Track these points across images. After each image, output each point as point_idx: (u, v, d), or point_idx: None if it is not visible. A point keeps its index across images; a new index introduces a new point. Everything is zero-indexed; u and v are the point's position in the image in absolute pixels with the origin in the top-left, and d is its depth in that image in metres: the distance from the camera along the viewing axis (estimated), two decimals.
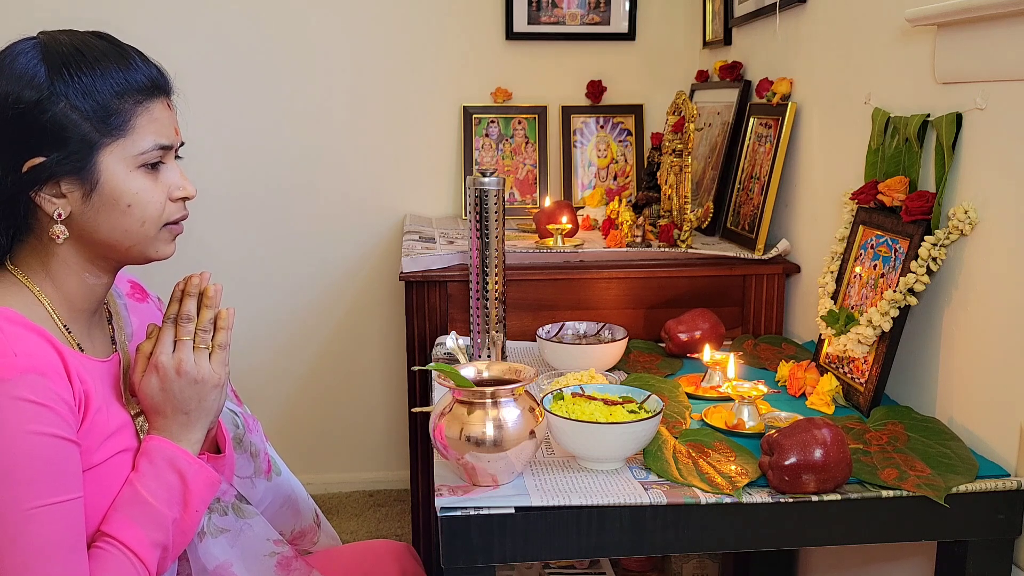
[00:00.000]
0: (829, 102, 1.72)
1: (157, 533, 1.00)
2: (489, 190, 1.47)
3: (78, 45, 0.99)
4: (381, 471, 2.76)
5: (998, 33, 1.17)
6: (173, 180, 1.05)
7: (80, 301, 1.05)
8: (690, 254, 1.92)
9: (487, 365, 1.18)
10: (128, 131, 0.99)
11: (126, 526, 0.99)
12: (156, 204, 1.03)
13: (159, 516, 1.01)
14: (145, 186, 1.01)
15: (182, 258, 1.15)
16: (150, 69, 1.03)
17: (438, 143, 2.60)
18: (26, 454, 0.90)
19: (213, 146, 2.51)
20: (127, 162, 1.00)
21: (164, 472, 1.02)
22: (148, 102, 1.01)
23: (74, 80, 0.96)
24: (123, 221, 1.01)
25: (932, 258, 1.28)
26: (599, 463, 1.16)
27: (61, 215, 0.99)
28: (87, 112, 0.97)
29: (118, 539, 0.98)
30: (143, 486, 1.01)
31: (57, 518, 0.91)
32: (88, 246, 1.02)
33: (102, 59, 0.99)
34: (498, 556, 1.07)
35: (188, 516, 1.03)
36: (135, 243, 1.03)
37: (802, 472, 1.07)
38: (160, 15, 2.45)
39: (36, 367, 0.92)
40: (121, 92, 0.99)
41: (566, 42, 2.59)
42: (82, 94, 0.96)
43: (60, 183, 0.98)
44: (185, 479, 1.03)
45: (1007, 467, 1.17)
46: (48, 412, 0.92)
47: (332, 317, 2.66)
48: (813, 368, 1.45)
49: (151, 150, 1.01)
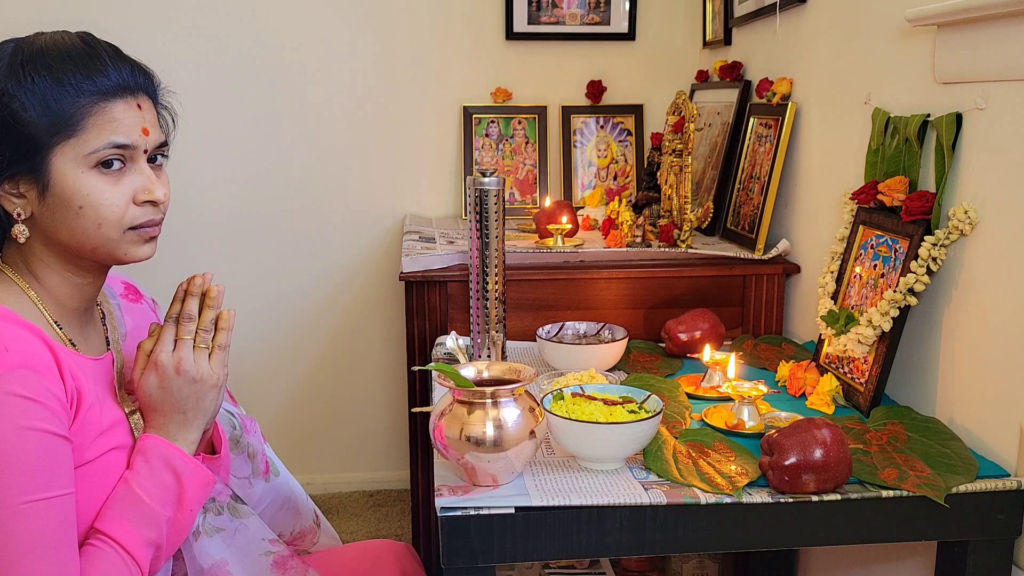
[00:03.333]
0: (829, 102, 1.72)
1: (150, 532, 1.00)
2: (489, 190, 1.47)
3: (46, 47, 0.99)
4: (381, 471, 2.76)
5: (998, 33, 1.17)
6: (139, 183, 1.02)
7: (68, 299, 1.05)
8: (690, 254, 1.92)
9: (487, 365, 1.18)
10: (79, 131, 0.98)
11: (119, 524, 0.99)
12: (112, 207, 1.00)
13: (153, 515, 1.00)
14: (98, 188, 0.99)
15: (182, 258, 1.16)
16: (119, 70, 1.01)
17: (438, 143, 2.60)
18: (16, 449, 0.90)
19: (213, 147, 2.51)
20: (78, 162, 0.98)
21: (159, 471, 1.02)
22: (106, 102, 0.99)
23: (26, 81, 0.96)
24: (78, 223, 0.99)
25: (932, 258, 1.28)
26: (599, 463, 1.16)
27: (21, 215, 1.00)
28: (39, 112, 0.96)
29: (111, 536, 0.98)
30: (137, 484, 1.01)
31: (47, 514, 0.91)
32: (54, 247, 1.02)
33: (64, 60, 0.98)
34: (498, 556, 1.07)
35: (182, 515, 1.03)
36: (97, 245, 1.01)
37: (802, 472, 1.07)
38: (159, 16, 2.45)
39: (27, 363, 0.92)
40: (75, 93, 0.97)
41: (566, 42, 2.59)
42: (34, 96, 0.96)
43: (19, 183, 0.99)
44: (180, 478, 1.03)
45: (1007, 467, 1.17)
46: (39, 407, 0.92)
47: (332, 317, 2.66)
48: (813, 368, 1.45)
49: (103, 148, 0.98)
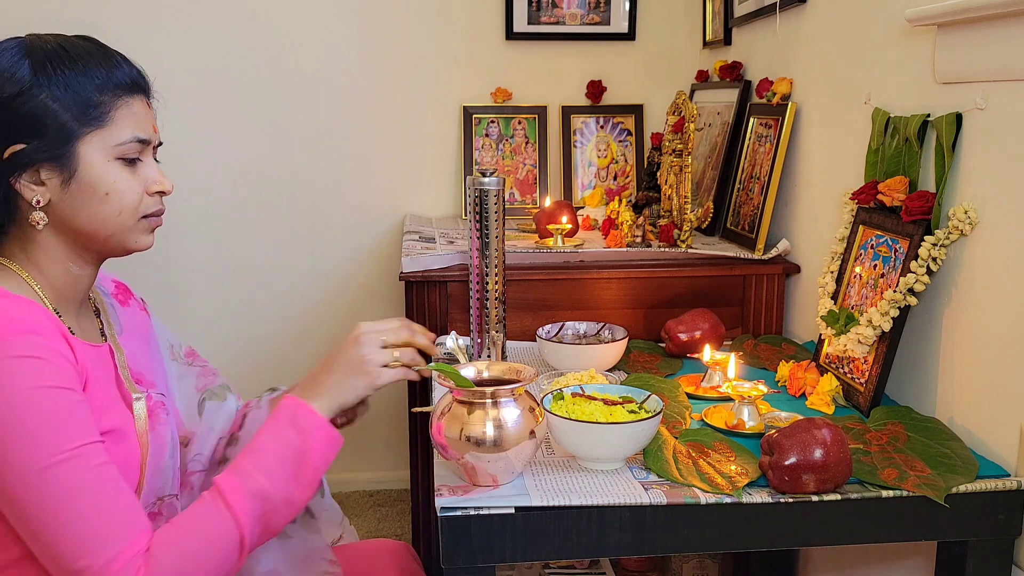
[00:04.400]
0: (829, 102, 1.72)
1: (259, 481, 1.00)
2: (489, 190, 1.47)
3: (62, 44, 1.04)
4: (381, 471, 2.76)
5: (998, 33, 1.17)
6: (150, 175, 1.08)
7: (66, 290, 1.08)
8: (690, 254, 1.92)
9: (487, 365, 1.18)
10: (107, 123, 1.03)
11: (223, 474, 1.01)
12: (133, 195, 1.05)
13: (264, 467, 1.01)
14: (123, 176, 1.05)
15: (182, 257, 1.17)
16: (132, 69, 1.07)
17: (438, 143, 2.60)
18: (34, 410, 0.92)
19: (213, 147, 2.50)
20: (105, 152, 1.03)
21: (283, 426, 1.05)
22: (128, 97, 1.05)
23: (56, 74, 1.00)
24: (101, 210, 1.04)
25: (932, 258, 1.28)
26: (599, 463, 1.16)
27: (40, 202, 1.02)
28: (68, 103, 1.01)
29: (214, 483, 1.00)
30: (256, 437, 1.04)
31: (81, 465, 0.93)
32: (67, 235, 1.05)
33: (85, 57, 1.03)
34: (498, 556, 1.07)
35: (305, 471, 1.04)
36: (113, 232, 1.06)
37: (802, 472, 1.07)
38: (157, 16, 2.45)
39: (36, 329, 0.95)
40: (102, 87, 1.03)
41: (566, 42, 2.59)
42: (63, 87, 1.00)
43: (40, 170, 1.01)
44: (305, 434, 1.05)
45: (1007, 467, 1.17)
46: (48, 365, 0.94)
47: (332, 317, 2.65)
48: (813, 368, 1.45)
49: (129, 142, 1.04)
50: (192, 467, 1.21)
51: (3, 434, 0.91)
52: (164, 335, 1.28)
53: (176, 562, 0.94)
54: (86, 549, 0.91)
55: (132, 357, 1.15)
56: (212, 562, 0.97)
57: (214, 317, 2.60)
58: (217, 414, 1.25)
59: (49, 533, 0.91)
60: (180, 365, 1.28)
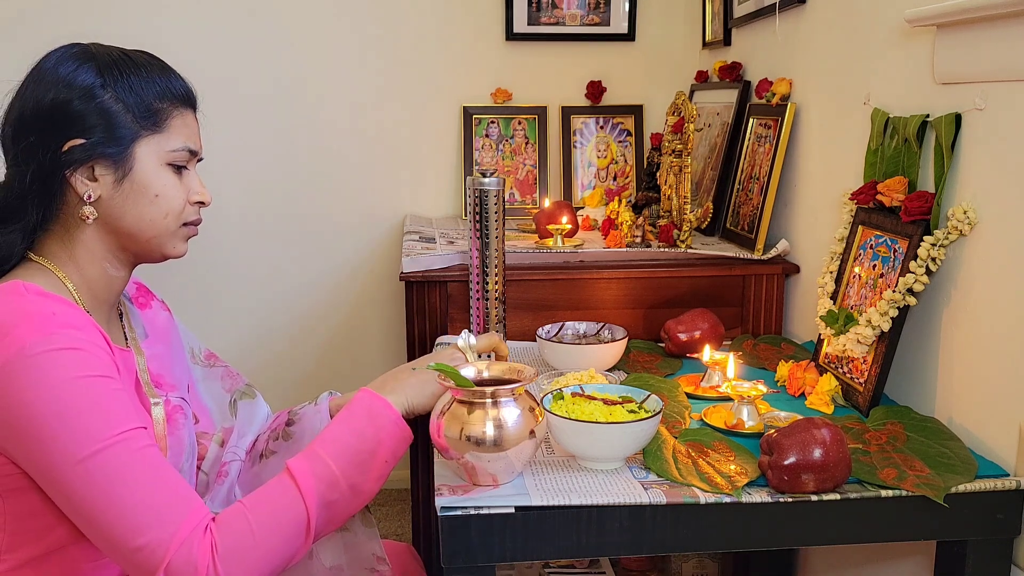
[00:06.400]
0: (828, 102, 1.73)
1: (330, 469, 1.03)
2: (489, 190, 1.47)
3: (125, 52, 1.10)
4: None
5: (998, 33, 1.17)
6: (194, 185, 1.13)
7: (101, 291, 1.10)
8: (690, 254, 1.92)
9: (487, 365, 1.18)
10: (164, 129, 1.09)
11: (296, 458, 1.04)
12: (179, 200, 1.11)
13: (336, 455, 1.04)
14: (171, 182, 1.10)
15: (183, 259, 1.18)
16: (185, 84, 1.14)
17: (438, 143, 2.61)
18: (76, 400, 0.93)
19: (213, 147, 2.50)
20: (159, 156, 1.08)
21: (358, 417, 1.09)
22: (183, 108, 1.12)
23: (122, 77, 1.07)
24: (149, 210, 1.08)
25: (931, 258, 1.28)
26: (599, 463, 1.16)
27: (91, 197, 1.06)
28: (131, 105, 1.06)
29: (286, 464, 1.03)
30: (329, 427, 1.07)
31: (126, 450, 0.95)
32: (111, 233, 1.08)
33: (147, 66, 1.10)
34: (498, 556, 1.07)
35: (376, 463, 1.07)
36: (156, 234, 1.10)
37: (801, 472, 1.07)
38: (157, 18, 2.45)
39: (74, 323, 0.98)
40: (161, 95, 1.09)
41: (566, 42, 2.59)
42: (127, 89, 1.06)
43: (95, 166, 1.05)
44: (378, 427, 1.08)
45: (1006, 467, 1.17)
46: (88, 355, 0.96)
47: (333, 317, 2.66)
48: (812, 368, 1.45)
49: (180, 149, 1.10)
50: (227, 457, 1.25)
51: (51, 423, 0.92)
52: (186, 337, 1.31)
53: (243, 536, 0.96)
54: (144, 527, 0.92)
55: (153, 360, 1.18)
56: (278, 538, 0.98)
57: (218, 319, 2.60)
58: (253, 411, 1.30)
59: (103, 517, 0.93)
60: (201, 367, 1.32)
